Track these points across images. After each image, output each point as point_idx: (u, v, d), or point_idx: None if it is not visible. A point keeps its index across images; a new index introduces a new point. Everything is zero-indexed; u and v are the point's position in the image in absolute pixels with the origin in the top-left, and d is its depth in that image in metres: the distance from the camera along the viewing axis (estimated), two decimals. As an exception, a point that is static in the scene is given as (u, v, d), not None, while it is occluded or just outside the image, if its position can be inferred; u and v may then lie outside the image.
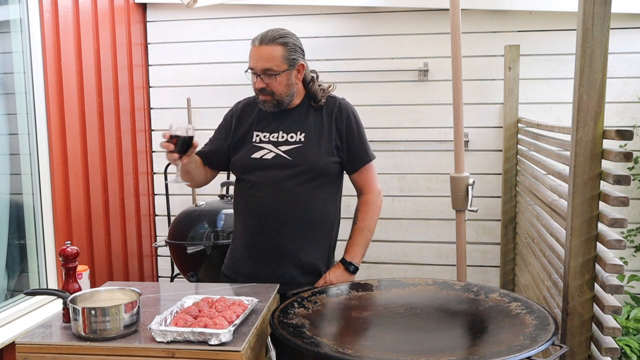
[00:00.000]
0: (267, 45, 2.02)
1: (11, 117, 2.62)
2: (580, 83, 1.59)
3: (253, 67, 2.03)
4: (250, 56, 2.05)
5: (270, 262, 2.11)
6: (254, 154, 2.11)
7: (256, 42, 2.04)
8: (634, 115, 3.21)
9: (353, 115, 2.17)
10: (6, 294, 2.58)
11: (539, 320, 1.59)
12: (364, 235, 2.18)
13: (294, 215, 2.08)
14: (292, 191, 2.07)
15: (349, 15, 3.41)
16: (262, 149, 2.10)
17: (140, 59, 3.52)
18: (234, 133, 2.16)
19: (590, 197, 1.62)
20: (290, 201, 2.07)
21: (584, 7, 1.56)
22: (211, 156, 2.19)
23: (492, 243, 3.43)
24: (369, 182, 2.22)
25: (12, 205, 2.62)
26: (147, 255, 3.61)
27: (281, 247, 2.09)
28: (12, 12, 2.58)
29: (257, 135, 2.13)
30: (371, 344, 1.55)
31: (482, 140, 3.38)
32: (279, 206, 2.07)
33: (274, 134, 2.11)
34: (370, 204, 2.21)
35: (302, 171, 2.07)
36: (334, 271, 2.13)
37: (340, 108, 2.15)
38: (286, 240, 2.09)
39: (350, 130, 2.13)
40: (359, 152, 2.15)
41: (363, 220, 2.19)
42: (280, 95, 2.06)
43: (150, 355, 1.51)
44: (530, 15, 3.25)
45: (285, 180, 2.07)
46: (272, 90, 2.04)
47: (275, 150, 2.09)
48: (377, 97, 3.42)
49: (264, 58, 2.02)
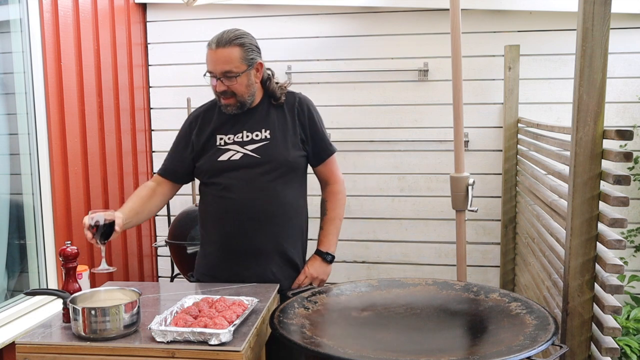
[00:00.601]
0: (225, 48, 2.02)
1: (11, 117, 2.62)
2: (580, 83, 1.59)
3: (212, 71, 2.03)
4: (207, 60, 2.05)
5: (250, 262, 2.11)
6: (220, 156, 2.11)
7: (212, 45, 2.03)
8: (634, 115, 3.21)
9: (313, 109, 2.21)
10: (6, 294, 2.58)
11: (539, 320, 1.59)
12: (336, 224, 2.23)
13: (270, 212, 2.09)
14: (265, 188, 2.09)
15: (349, 15, 3.41)
16: (228, 151, 2.11)
17: (140, 59, 3.52)
18: (197, 140, 2.15)
19: (590, 197, 1.62)
20: (265, 198, 2.09)
21: (584, 7, 1.56)
22: (175, 171, 2.20)
23: (492, 243, 3.43)
24: (334, 173, 2.25)
25: (12, 205, 2.62)
26: (147, 255, 3.61)
27: (260, 246, 2.10)
28: (12, 12, 2.58)
29: (220, 138, 2.13)
30: (371, 344, 1.55)
31: (482, 140, 3.38)
32: (255, 204, 2.08)
33: (238, 135, 2.12)
34: (337, 193, 2.25)
35: (272, 167, 2.09)
36: (313, 264, 2.17)
37: (301, 102, 2.17)
38: (265, 238, 2.10)
39: (314, 124, 2.17)
40: (323, 144, 2.20)
41: (333, 209, 2.23)
42: (242, 96, 2.07)
43: (150, 355, 1.51)
44: (530, 15, 3.25)
45: (257, 178, 2.08)
46: (233, 92, 2.05)
47: (242, 150, 2.10)
48: (377, 97, 3.42)
49: (223, 60, 2.02)
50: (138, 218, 2.11)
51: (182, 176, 2.22)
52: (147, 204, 2.13)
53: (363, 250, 3.54)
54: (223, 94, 2.05)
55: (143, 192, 2.15)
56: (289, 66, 3.44)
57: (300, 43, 3.45)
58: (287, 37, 3.45)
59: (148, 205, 2.14)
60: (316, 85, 3.46)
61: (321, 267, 2.17)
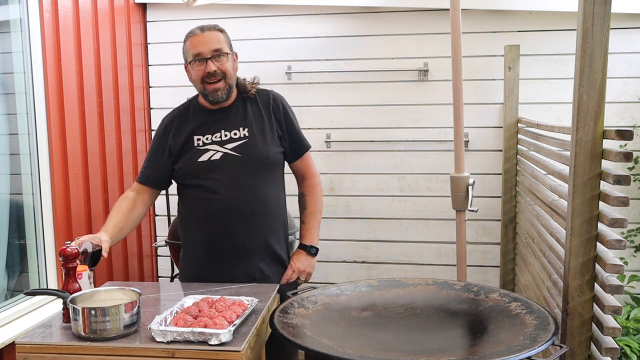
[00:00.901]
0: (210, 31, 2.09)
1: (11, 117, 2.62)
2: (580, 83, 1.59)
3: (200, 52, 2.05)
4: (193, 45, 2.07)
5: (237, 262, 2.12)
6: (200, 157, 2.11)
7: (197, 31, 2.09)
8: (634, 115, 3.21)
9: (287, 105, 2.24)
10: (6, 294, 2.58)
11: (539, 320, 1.59)
12: (317, 218, 2.27)
13: (255, 209, 2.11)
14: (248, 186, 2.10)
15: (349, 15, 3.41)
16: (207, 151, 2.11)
17: (140, 59, 3.52)
18: (174, 143, 2.15)
19: (590, 197, 1.62)
20: (249, 197, 2.10)
21: (584, 7, 1.56)
22: (155, 178, 2.21)
23: (492, 243, 3.43)
24: (310, 167, 2.29)
25: (12, 205, 2.62)
26: (147, 255, 3.61)
27: (247, 244, 2.11)
28: (12, 12, 2.58)
29: (198, 139, 2.13)
30: (371, 344, 1.55)
31: (482, 140, 3.38)
32: (239, 203, 2.09)
33: (216, 134, 2.12)
34: (315, 186, 2.28)
35: (254, 165, 2.10)
36: (298, 258, 2.21)
37: (276, 99, 2.20)
38: (251, 236, 2.11)
39: (289, 120, 2.20)
40: (299, 140, 2.24)
41: (313, 203, 2.26)
42: (231, 78, 2.10)
43: (150, 355, 1.51)
44: (530, 15, 3.25)
45: (239, 176, 2.09)
46: (223, 73, 2.07)
47: (222, 150, 2.10)
48: (377, 97, 3.42)
49: (213, 41, 2.06)
50: (122, 233, 2.13)
51: (163, 182, 2.24)
52: (130, 217, 2.15)
53: (363, 250, 3.54)
54: (213, 76, 2.06)
55: (124, 205, 2.16)
56: (289, 66, 3.44)
57: (300, 43, 3.45)
58: (287, 37, 3.45)
59: (131, 218, 2.15)
60: (316, 85, 3.46)
61: (307, 260, 2.21)
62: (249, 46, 3.46)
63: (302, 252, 2.23)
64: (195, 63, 2.07)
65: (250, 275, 2.10)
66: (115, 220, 2.09)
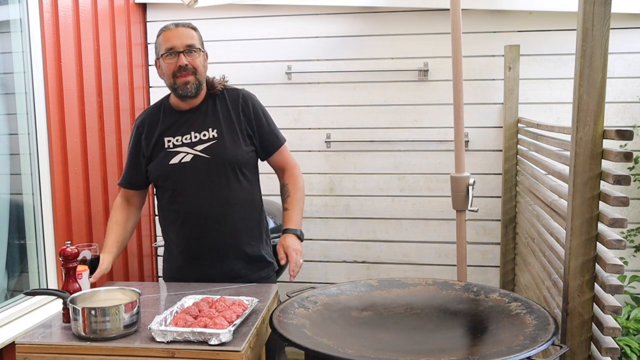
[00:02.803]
0: (185, 27, 2.11)
1: (11, 117, 2.62)
2: (580, 83, 1.59)
3: (173, 46, 2.07)
4: (166, 39, 2.09)
5: (214, 262, 2.13)
6: (171, 159, 2.12)
7: (171, 26, 2.11)
8: (634, 115, 3.21)
9: (257, 104, 2.22)
10: (6, 294, 2.57)
11: (539, 320, 1.59)
12: (300, 206, 2.24)
13: (226, 211, 2.11)
14: (218, 188, 2.10)
15: (349, 15, 3.41)
16: (178, 153, 2.11)
17: (140, 59, 3.52)
18: (146, 145, 2.17)
19: (590, 197, 1.62)
20: (219, 199, 2.10)
21: (584, 7, 1.56)
22: (139, 180, 2.23)
23: (492, 243, 3.43)
24: (288, 160, 2.28)
25: (12, 205, 2.62)
26: (147, 255, 3.61)
27: (221, 246, 2.12)
28: (12, 12, 2.58)
29: (168, 140, 2.14)
30: (371, 344, 1.55)
31: (482, 140, 3.38)
32: (209, 206, 2.10)
33: (186, 136, 2.12)
34: (297, 176, 2.27)
35: (222, 166, 2.10)
36: (285, 239, 2.13)
37: (245, 98, 2.19)
38: (224, 238, 2.12)
39: (259, 118, 2.19)
40: (270, 138, 2.22)
41: (295, 191, 2.24)
42: (201, 75, 2.11)
43: (150, 355, 1.51)
44: (530, 15, 3.25)
45: (209, 178, 2.10)
46: (194, 68, 2.08)
47: (192, 152, 2.11)
48: (377, 97, 3.42)
49: (186, 36, 2.09)
50: (123, 245, 2.19)
51: (144, 183, 2.26)
52: (127, 227, 2.23)
53: (363, 250, 3.54)
54: (185, 70, 2.06)
55: (119, 216, 2.22)
56: (289, 66, 3.44)
57: (300, 43, 3.45)
58: (287, 37, 3.45)
59: (128, 227, 2.23)
60: (316, 85, 3.46)
61: (292, 239, 2.13)
62: (249, 46, 3.47)
63: (291, 235, 2.15)
64: (167, 57, 2.08)
65: (228, 275, 2.11)
66: (114, 235, 2.17)
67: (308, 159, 3.47)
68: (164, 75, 2.12)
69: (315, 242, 3.56)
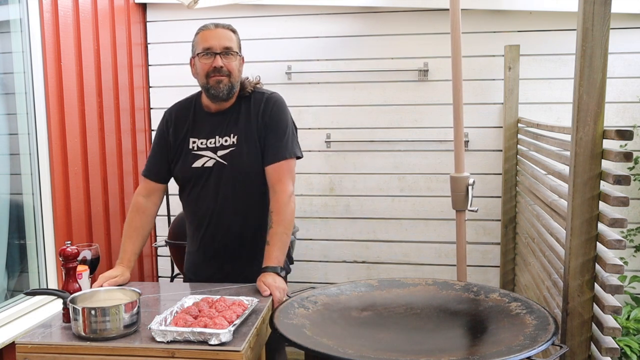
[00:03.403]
0: (224, 29, 2.08)
1: (11, 117, 2.62)
2: (580, 83, 1.59)
3: (211, 47, 2.03)
4: (204, 39, 2.05)
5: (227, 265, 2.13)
6: (194, 163, 2.10)
7: (211, 26, 2.08)
8: (634, 115, 3.21)
9: (278, 109, 2.11)
10: (6, 294, 2.58)
11: (539, 320, 1.59)
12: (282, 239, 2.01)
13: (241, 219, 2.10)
14: (234, 195, 2.08)
15: (349, 15, 3.41)
16: (201, 157, 2.09)
17: (140, 59, 3.52)
18: (173, 141, 2.15)
19: (590, 197, 1.62)
20: (234, 206, 2.09)
21: (584, 7, 1.56)
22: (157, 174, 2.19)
23: (492, 243, 3.43)
24: (281, 181, 2.04)
25: (12, 205, 2.62)
26: (147, 255, 3.61)
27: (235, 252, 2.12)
28: (12, 12, 2.58)
29: (193, 142, 2.11)
30: (371, 344, 1.55)
31: (482, 140, 3.38)
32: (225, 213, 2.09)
33: (210, 140, 2.10)
34: (284, 204, 2.02)
35: (238, 174, 2.07)
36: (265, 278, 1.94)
37: (267, 101, 2.11)
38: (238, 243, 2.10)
39: (272, 124, 2.08)
40: (277, 145, 2.07)
41: (279, 223, 2.00)
42: (235, 78, 2.06)
43: (150, 355, 1.51)
44: (530, 15, 3.25)
45: (226, 185, 2.07)
46: (229, 71, 2.04)
47: (214, 157, 2.08)
48: (377, 97, 3.42)
49: (225, 38, 2.05)
50: (139, 252, 2.16)
51: (167, 176, 2.21)
52: (143, 234, 2.17)
53: (363, 250, 3.54)
54: (219, 71, 2.03)
55: (138, 222, 2.15)
56: (289, 66, 3.45)
57: (300, 43, 3.45)
58: (287, 37, 3.45)
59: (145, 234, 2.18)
60: (316, 85, 3.46)
61: (273, 277, 1.95)
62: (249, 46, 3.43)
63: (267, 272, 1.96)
64: (203, 56, 2.04)
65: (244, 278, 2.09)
66: (132, 246, 2.12)
67: (308, 159, 3.46)
68: (198, 74, 2.08)
69: (315, 242, 3.56)
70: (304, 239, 3.55)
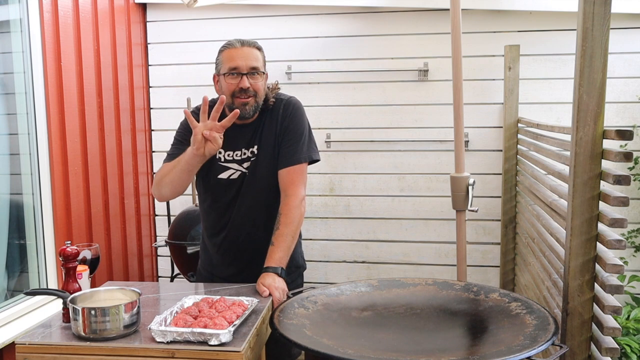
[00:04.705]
0: (250, 47, 2.03)
1: (11, 117, 2.62)
2: (580, 83, 1.59)
3: (237, 67, 1.99)
4: (230, 57, 2.00)
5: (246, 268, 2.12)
6: (220, 174, 2.09)
7: (237, 44, 2.03)
8: (634, 115, 3.21)
9: (295, 111, 2.10)
10: (6, 294, 2.58)
11: (539, 320, 1.59)
12: (287, 241, 1.99)
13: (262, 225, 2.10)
14: (255, 204, 2.08)
15: (349, 15, 3.41)
16: (228, 169, 2.09)
17: (140, 59, 3.52)
18: None
19: (590, 197, 1.62)
20: (256, 214, 2.09)
21: (584, 7, 1.56)
22: None
23: (492, 243, 3.43)
24: (294, 184, 2.05)
25: (12, 205, 2.62)
26: (147, 255, 3.61)
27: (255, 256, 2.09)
28: (12, 12, 2.58)
29: (220, 152, 2.08)
30: (371, 344, 1.55)
31: (482, 140, 3.38)
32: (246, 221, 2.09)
33: (237, 152, 2.09)
34: (293, 207, 2.02)
35: (259, 184, 2.07)
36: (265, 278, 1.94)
37: (286, 106, 2.10)
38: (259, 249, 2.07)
39: (289, 125, 2.07)
40: (292, 149, 2.06)
41: (286, 225, 2.00)
42: (260, 98, 2.03)
43: (150, 356, 1.51)
44: (530, 15, 3.25)
45: (247, 195, 2.07)
46: (255, 92, 2.01)
47: (240, 169, 2.08)
48: (377, 97, 3.42)
49: (252, 57, 2.01)
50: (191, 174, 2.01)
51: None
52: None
53: (363, 250, 3.54)
54: (246, 92, 1.99)
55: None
56: (289, 66, 3.45)
57: (300, 43, 3.45)
58: (287, 37, 3.45)
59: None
60: (316, 85, 3.46)
61: (273, 278, 1.94)
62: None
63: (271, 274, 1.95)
64: (229, 76, 2.00)
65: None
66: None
67: (308, 159, 3.46)
68: (223, 93, 2.02)
69: (315, 242, 3.57)
70: (304, 239, 3.52)
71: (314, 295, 1.86)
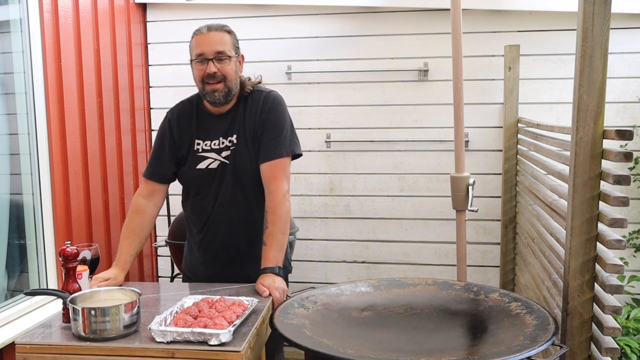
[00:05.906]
0: (217, 32, 2.04)
1: (11, 117, 2.62)
2: (580, 83, 1.59)
3: (203, 53, 2.01)
4: (197, 44, 2.03)
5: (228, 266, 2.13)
6: (198, 164, 2.10)
7: (203, 29, 2.05)
8: (634, 115, 3.21)
9: (276, 105, 2.10)
10: (6, 294, 2.58)
11: (539, 320, 1.59)
12: (277, 239, 2.01)
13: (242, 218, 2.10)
14: (235, 195, 2.08)
15: (349, 15, 3.41)
16: (205, 159, 2.09)
17: (140, 59, 3.52)
18: (179, 142, 2.13)
19: (590, 197, 1.62)
20: (237, 206, 2.09)
21: (584, 7, 1.56)
22: (160, 175, 2.17)
23: (492, 243, 3.43)
24: (277, 179, 2.04)
25: (12, 205, 2.62)
26: (147, 255, 3.61)
27: (237, 252, 2.11)
28: (12, 12, 2.58)
29: (198, 143, 2.11)
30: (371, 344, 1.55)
31: (482, 140, 3.38)
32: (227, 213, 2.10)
33: (214, 141, 2.09)
34: (278, 205, 2.02)
35: (239, 173, 2.07)
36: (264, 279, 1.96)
37: (265, 99, 2.10)
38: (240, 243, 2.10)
39: (270, 120, 2.07)
40: (272, 143, 2.06)
41: (274, 223, 2.01)
42: (231, 82, 2.04)
43: (150, 356, 1.51)
44: (530, 15, 3.25)
45: (228, 185, 2.08)
46: (224, 76, 2.02)
47: (219, 158, 2.08)
48: (377, 97, 3.42)
49: (217, 42, 2.02)
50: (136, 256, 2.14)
51: (170, 176, 2.20)
52: (143, 236, 2.14)
53: (363, 250, 3.54)
54: (213, 77, 2.02)
55: (136, 223, 2.12)
56: (289, 66, 3.44)
57: (300, 43, 3.45)
58: (287, 37, 3.45)
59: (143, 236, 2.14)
60: (316, 85, 3.46)
61: (272, 278, 1.95)
62: (249, 46, 3.43)
63: (269, 274, 1.97)
64: (197, 62, 2.04)
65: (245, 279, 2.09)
66: (128, 248, 2.09)
67: (308, 158, 3.47)
68: (195, 79, 2.07)
69: (315, 242, 3.57)
70: (304, 239, 3.55)
71: (314, 295, 1.86)
